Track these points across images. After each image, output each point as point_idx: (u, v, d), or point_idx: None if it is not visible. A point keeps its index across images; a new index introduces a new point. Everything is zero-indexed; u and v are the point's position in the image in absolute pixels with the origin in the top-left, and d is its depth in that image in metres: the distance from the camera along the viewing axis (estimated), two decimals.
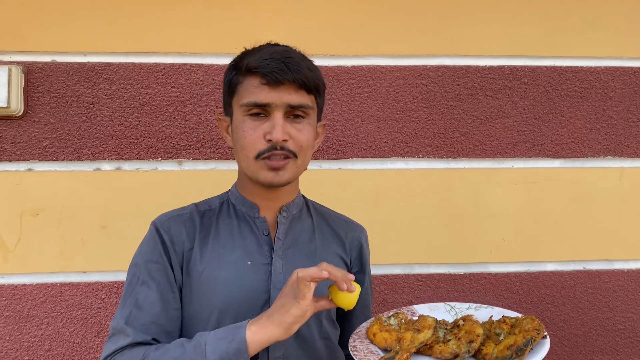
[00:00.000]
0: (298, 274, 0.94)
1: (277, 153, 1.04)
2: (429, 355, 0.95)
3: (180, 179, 1.62)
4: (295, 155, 1.06)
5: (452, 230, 1.71)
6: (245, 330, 0.94)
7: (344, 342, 1.20)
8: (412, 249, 1.69)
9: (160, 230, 1.10)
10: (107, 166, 1.62)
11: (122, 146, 1.62)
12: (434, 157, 1.72)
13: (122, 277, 1.59)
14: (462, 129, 1.72)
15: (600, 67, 1.76)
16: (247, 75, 1.06)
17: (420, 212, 1.70)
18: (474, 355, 0.92)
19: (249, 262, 1.09)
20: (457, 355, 0.91)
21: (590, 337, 1.74)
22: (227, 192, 1.20)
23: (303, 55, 1.10)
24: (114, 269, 1.60)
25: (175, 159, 1.63)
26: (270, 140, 1.03)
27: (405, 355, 0.92)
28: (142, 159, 1.62)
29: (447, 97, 1.72)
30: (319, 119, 1.16)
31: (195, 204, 1.18)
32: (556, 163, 1.75)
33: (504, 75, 1.74)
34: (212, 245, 1.09)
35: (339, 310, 1.23)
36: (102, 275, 1.60)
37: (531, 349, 0.89)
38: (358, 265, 1.26)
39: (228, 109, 1.13)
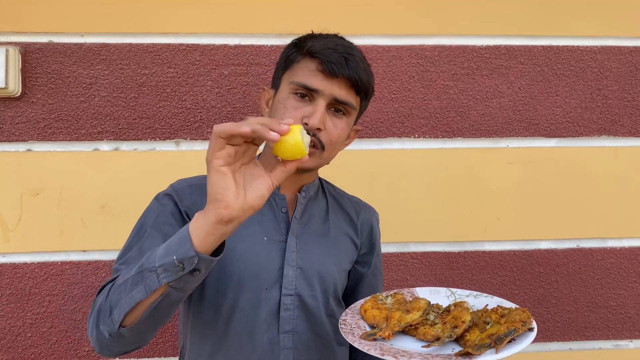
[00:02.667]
0: (214, 128, 0.80)
1: None
2: (413, 336, 0.96)
3: (178, 160, 1.64)
4: (323, 148, 1.07)
5: (448, 209, 1.73)
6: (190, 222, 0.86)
7: None
8: (407, 227, 1.71)
9: (181, 194, 1.10)
10: (105, 147, 1.63)
11: (120, 127, 1.63)
12: (430, 137, 1.73)
13: None
14: (458, 109, 1.73)
15: (596, 47, 1.76)
16: (307, 57, 1.07)
17: (416, 191, 1.72)
18: (457, 341, 0.93)
19: (265, 238, 1.11)
20: (438, 339, 0.92)
21: (583, 314, 1.77)
22: None
23: (364, 57, 1.12)
24: (113, 248, 1.63)
25: (172, 139, 1.64)
26: (306, 124, 1.04)
27: (387, 333, 0.93)
28: (140, 140, 1.63)
29: (443, 77, 1.73)
30: (355, 122, 1.18)
31: None
32: (551, 142, 1.76)
33: (500, 54, 1.74)
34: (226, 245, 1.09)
35: (346, 289, 1.25)
36: (102, 254, 1.63)
37: (513, 339, 0.89)
38: (367, 247, 1.28)
39: (276, 82, 1.14)
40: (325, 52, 1.05)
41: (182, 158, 1.64)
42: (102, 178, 1.63)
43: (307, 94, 1.06)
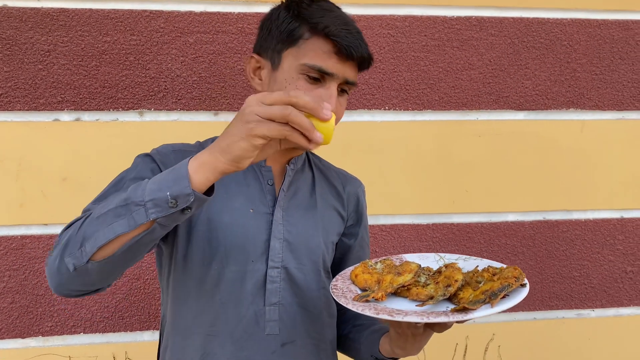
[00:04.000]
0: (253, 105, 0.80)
1: None
2: (406, 297, 0.96)
3: (142, 130, 1.59)
4: None
5: (417, 181, 1.73)
6: (189, 158, 0.85)
7: None
8: (377, 200, 1.70)
9: (164, 158, 1.07)
10: (66, 117, 1.58)
11: (81, 96, 1.57)
12: (400, 109, 1.71)
13: None
14: (428, 81, 1.72)
15: (566, 19, 1.76)
16: (320, 37, 1.03)
17: (385, 163, 1.71)
18: (450, 299, 0.93)
19: (251, 210, 1.10)
20: (432, 298, 0.92)
21: (547, 284, 1.81)
22: None
23: None
24: None
25: (136, 109, 1.59)
26: None
27: (380, 294, 0.92)
28: (102, 110, 1.58)
29: (413, 48, 1.71)
30: None
31: (200, 142, 1.15)
32: (520, 115, 1.77)
33: (471, 26, 1.73)
34: (215, 188, 1.01)
35: (334, 261, 1.24)
36: None
37: (507, 295, 0.89)
38: (354, 219, 1.27)
39: (271, 54, 1.08)
40: (342, 33, 1.02)
41: (146, 129, 1.59)
42: (63, 149, 1.57)
43: (319, 77, 1.03)
